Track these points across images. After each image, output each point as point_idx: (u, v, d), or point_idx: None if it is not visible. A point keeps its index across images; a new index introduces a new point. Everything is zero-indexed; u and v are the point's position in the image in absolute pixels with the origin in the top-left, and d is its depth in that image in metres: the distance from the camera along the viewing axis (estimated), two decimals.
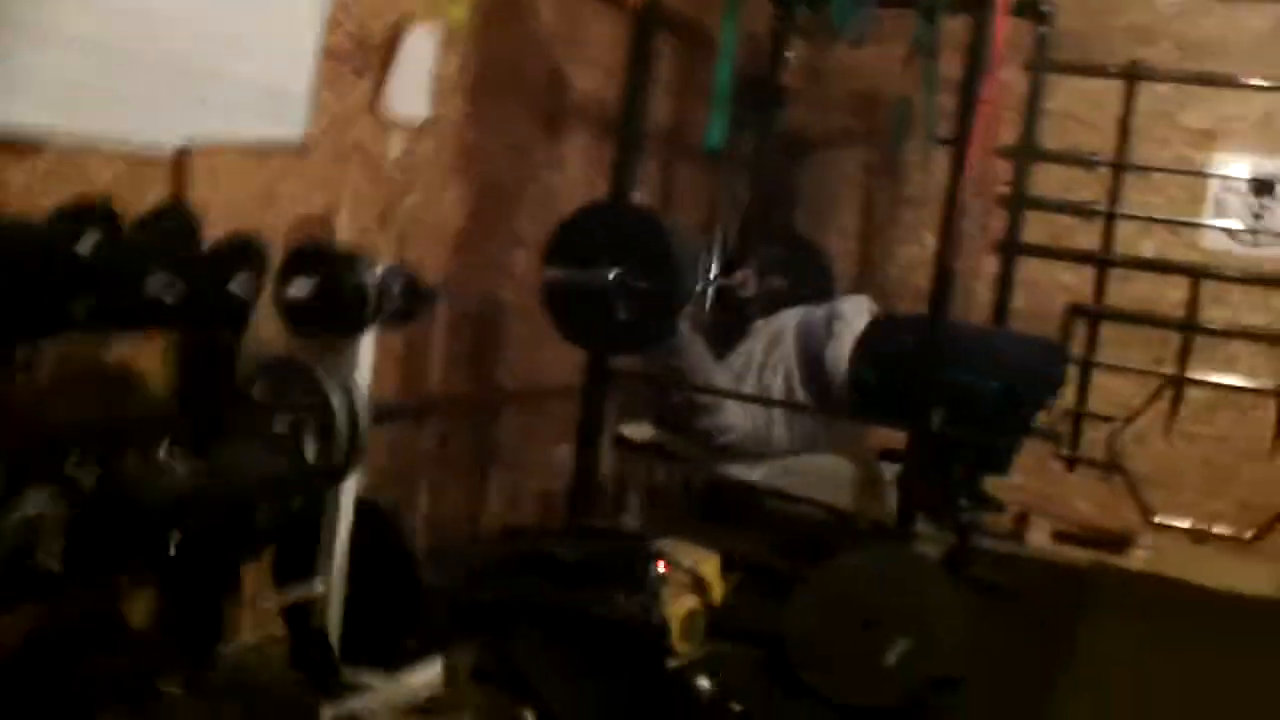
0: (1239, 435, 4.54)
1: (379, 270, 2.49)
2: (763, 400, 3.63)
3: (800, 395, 3.63)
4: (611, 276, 3.10)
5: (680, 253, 3.09)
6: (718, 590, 3.10)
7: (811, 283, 4.32)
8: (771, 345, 3.69)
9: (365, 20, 2.87)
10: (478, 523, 3.69)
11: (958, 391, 3.32)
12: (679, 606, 2.97)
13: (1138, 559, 4.47)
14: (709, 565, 3.09)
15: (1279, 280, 4.47)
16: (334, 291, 2.44)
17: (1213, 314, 4.55)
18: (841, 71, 4.86)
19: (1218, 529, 4.55)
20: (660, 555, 3.01)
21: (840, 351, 3.57)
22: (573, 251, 3.18)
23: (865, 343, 3.57)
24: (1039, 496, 4.72)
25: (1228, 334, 4.52)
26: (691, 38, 4.16)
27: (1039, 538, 4.63)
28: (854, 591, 2.95)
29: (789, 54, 4.47)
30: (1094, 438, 4.68)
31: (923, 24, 3.48)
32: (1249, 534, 4.50)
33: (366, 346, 2.48)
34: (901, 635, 2.84)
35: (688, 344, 3.46)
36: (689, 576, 3.03)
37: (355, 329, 2.46)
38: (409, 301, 2.60)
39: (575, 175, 3.80)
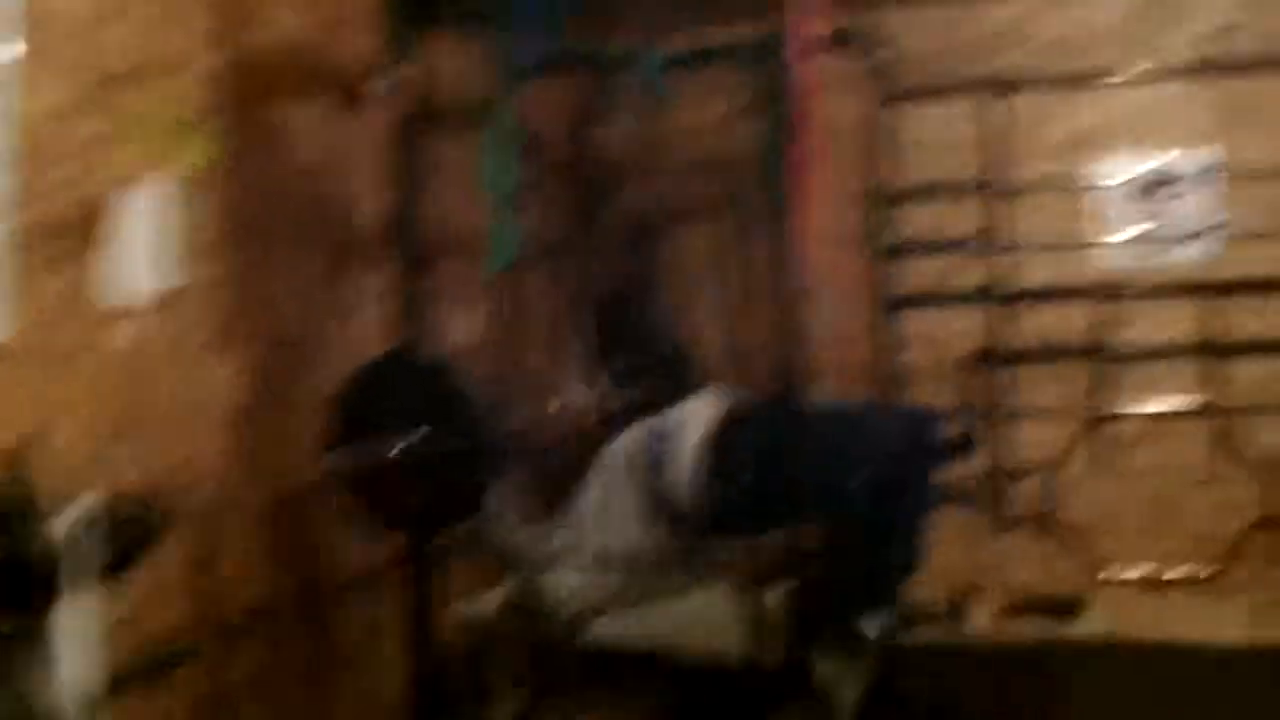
0: (1177, 463, 4.07)
1: (77, 514, 1.96)
2: (590, 567, 3.09)
3: (649, 536, 3.08)
4: (399, 449, 2.58)
5: (479, 405, 2.57)
6: None
7: (676, 385, 3.81)
8: (611, 481, 3.14)
9: (65, 192, 2.35)
10: None
11: (823, 494, 2.84)
12: None
13: (1091, 624, 3.96)
14: None
15: (1189, 287, 4.02)
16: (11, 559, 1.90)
17: (1126, 336, 4.09)
18: (679, 136, 4.38)
19: (1173, 572, 4.06)
20: None
21: (679, 473, 3.04)
22: (355, 424, 2.65)
23: (713, 451, 3.04)
24: (973, 569, 4.21)
25: (1145, 356, 4.06)
26: None
27: (979, 616, 4.12)
28: None
29: (612, 127, 4.00)
30: (1022, 493, 4.20)
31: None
32: (1207, 571, 4.02)
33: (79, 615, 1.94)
34: None
35: (502, 512, 2.92)
36: None
37: (42, 605, 1.92)
38: (129, 540, 2.07)
39: (375, 316, 3.26)
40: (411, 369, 2.69)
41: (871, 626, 3.05)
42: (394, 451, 2.53)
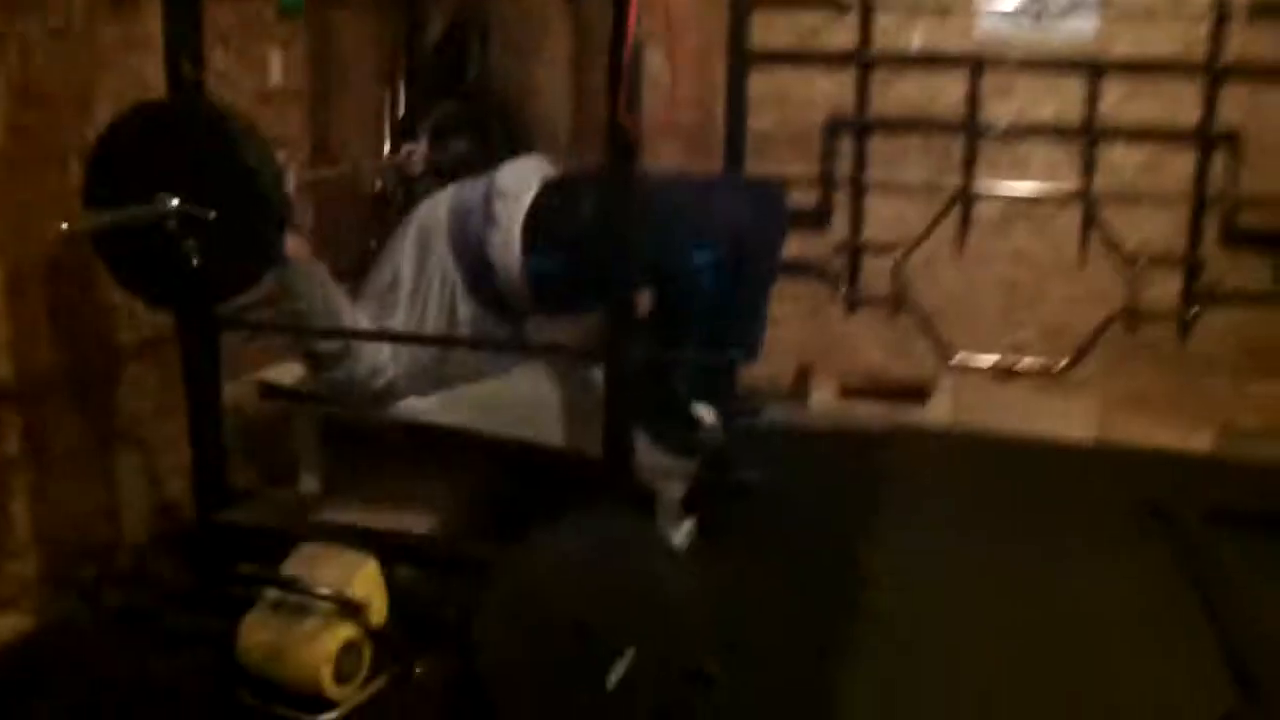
0: (1039, 250, 3.88)
1: None
2: (404, 338, 2.78)
3: (464, 308, 2.78)
4: (168, 209, 2.21)
5: (261, 165, 2.20)
6: (379, 605, 2.32)
7: (505, 142, 3.45)
8: (422, 247, 2.80)
9: None
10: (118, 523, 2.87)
11: (661, 270, 2.57)
12: (323, 644, 2.22)
13: (938, 411, 3.83)
14: (363, 577, 2.31)
15: (1067, 63, 3.73)
16: None
17: (997, 110, 3.82)
18: None
19: (1025, 363, 3.93)
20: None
21: (505, 239, 2.71)
22: (121, 178, 2.26)
23: (536, 221, 2.71)
24: (820, 348, 4.03)
25: (1016, 133, 3.80)
26: None
27: (824, 397, 3.96)
28: (554, 590, 2.20)
29: None
30: (876, 272, 3.99)
31: None
32: (1061, 363, 3.89)
33: None
34: (625, 645, 2.13)
35: (299, 275, 2.57)
36: (334, 604, 2.25)
37: None
38: None
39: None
40: (181, 117, 2.28)
41: (704, 413, 2.84)
42: (163, 210, 2.16)
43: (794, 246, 3.83)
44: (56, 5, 2.57)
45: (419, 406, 2.82)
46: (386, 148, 3.42)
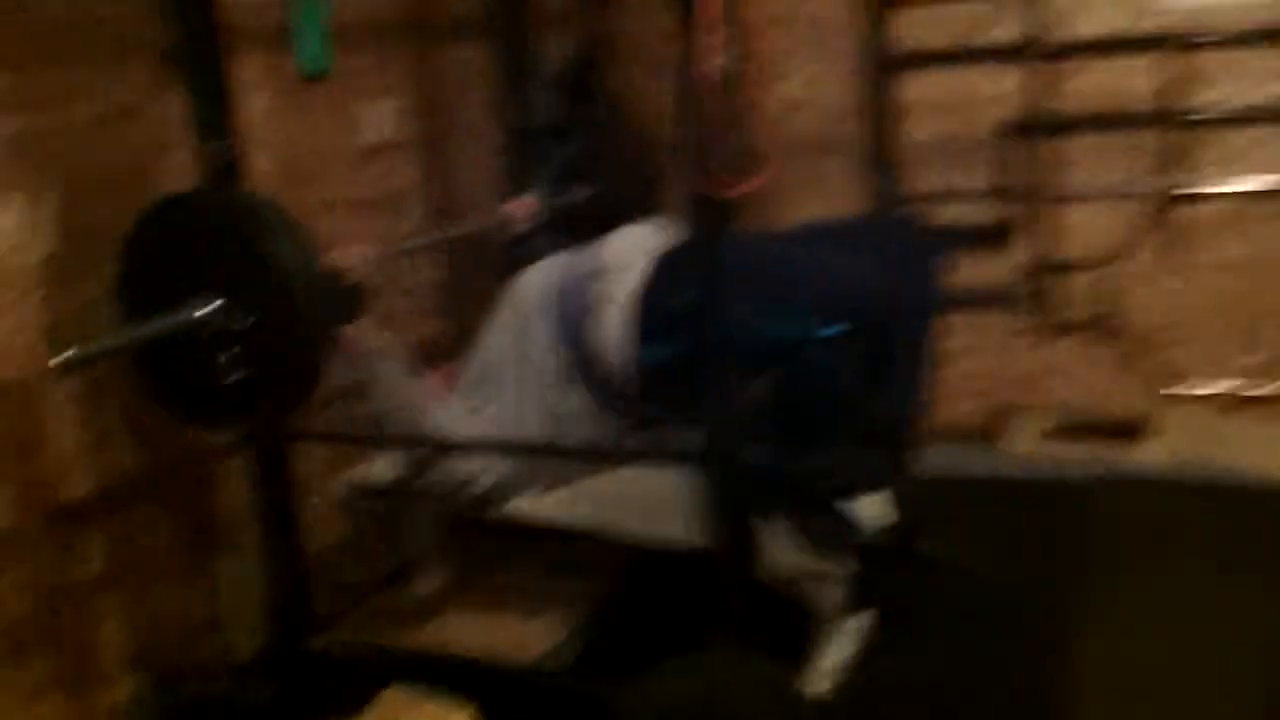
0: (1264, 257, 3.28)
1: None
2: (499, 447, 2.45)
3: (567, 398, 2.44)
4: (201, 314, 1.95)
5: (297, 263, 1.92)
6: None
7: (635, 186, 3.10)
8: (520, 328, 2.47)
9: None
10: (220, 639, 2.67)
11: (775, 352, 2.17)
12: None
13: (1154, 451, 3.28)
14: None
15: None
16: None
17: (1203, 96, 3.25)
18: None
19: (1255, 390, 3.34)
20: None
21: (610, 322, 2.36)
22: (147, 284, 2.03)
23: (645, 302, 2.35)
24: (1012, 385, 3.53)
25: (1225, 122, 3.22)
26: None
27: (1022, 440, 3.46)
28: None
29: None
30: (1071, 294, 3.46)
31: None
32: None
33: None
34: None
35: (374, 371, 2.29)
36: None
37: None
38: None
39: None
40: (207, 213, 2.02)
41: (860, 507, 2.41)
42: (193, 315, 1.90)
43: (970, 271, 3.37)
44: (111, 85, 2.37)
45: (534, 506, 2.50)
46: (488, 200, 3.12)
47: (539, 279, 2.53)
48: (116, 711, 2.47)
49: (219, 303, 1.92)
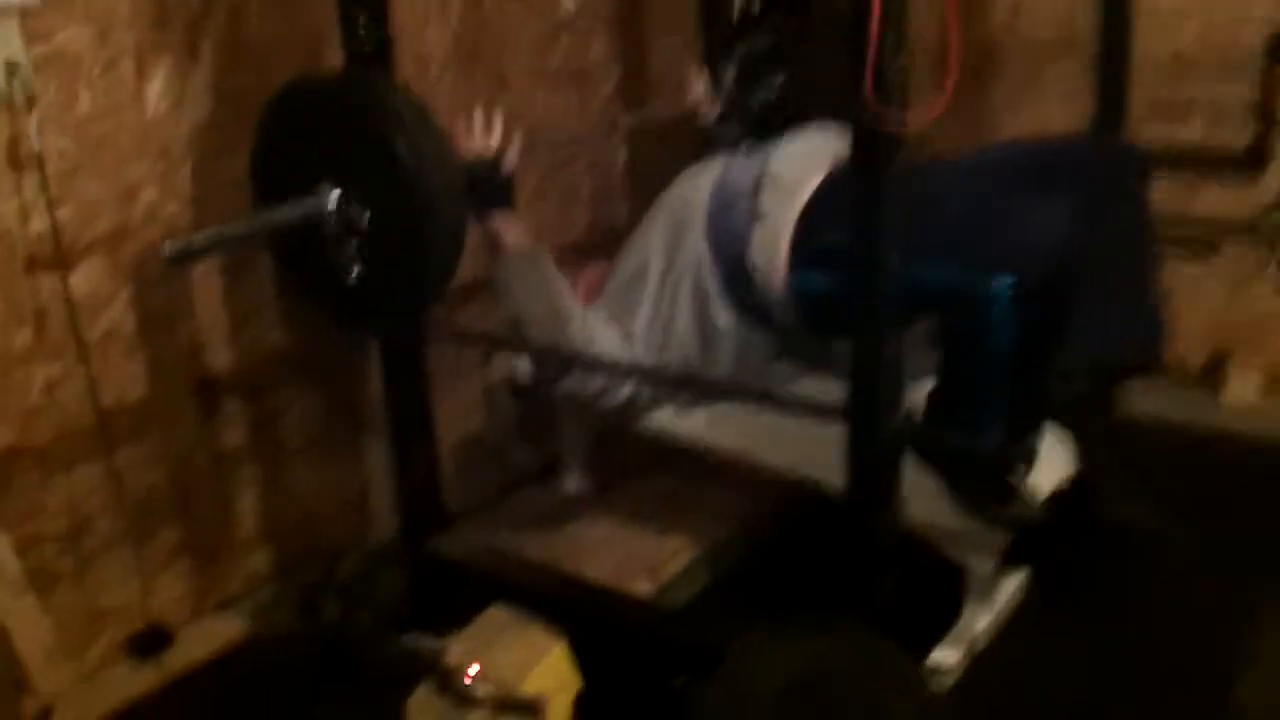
0: None
1: None
2: (632, 370, 2.27)
3: (721, 315, 2.24)
4: (316, 207, 1.83)
5: (422, 159, 1.77)
6: (563, 699, 1.90)
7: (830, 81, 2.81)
8: (675, 236, 2.26)
9: None
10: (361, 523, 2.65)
11: (935, 303, 1.92)
12: None
13: None
14: (545, 668, 1.89)
15: None
16: None
17: None
18: None
19: None
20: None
21: (771, 242, 2.13)
22: (280, 170, 1.93)
23: (808, 223, 2.11)
24: (1243, 329, 3.14)
25: None
26: None
27: (1244, 391, 3.09)
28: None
29: None
30: None
31: None
32: None
33: None
34: None
35: (514, 271, 2.13)
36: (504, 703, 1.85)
37: None
38: None
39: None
40: (339, 99, 1.88)
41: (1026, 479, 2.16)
42: (320, 206, 1.79)
43: (1212, 198, 2.99)
44: None
45: (678, 423, 2.34)
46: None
47: (699, 185, 2.31)
48: (252, 581, 2.48)
49: (336, 195, 1.79)
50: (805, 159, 2.21)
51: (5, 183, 1.93)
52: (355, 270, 1.83)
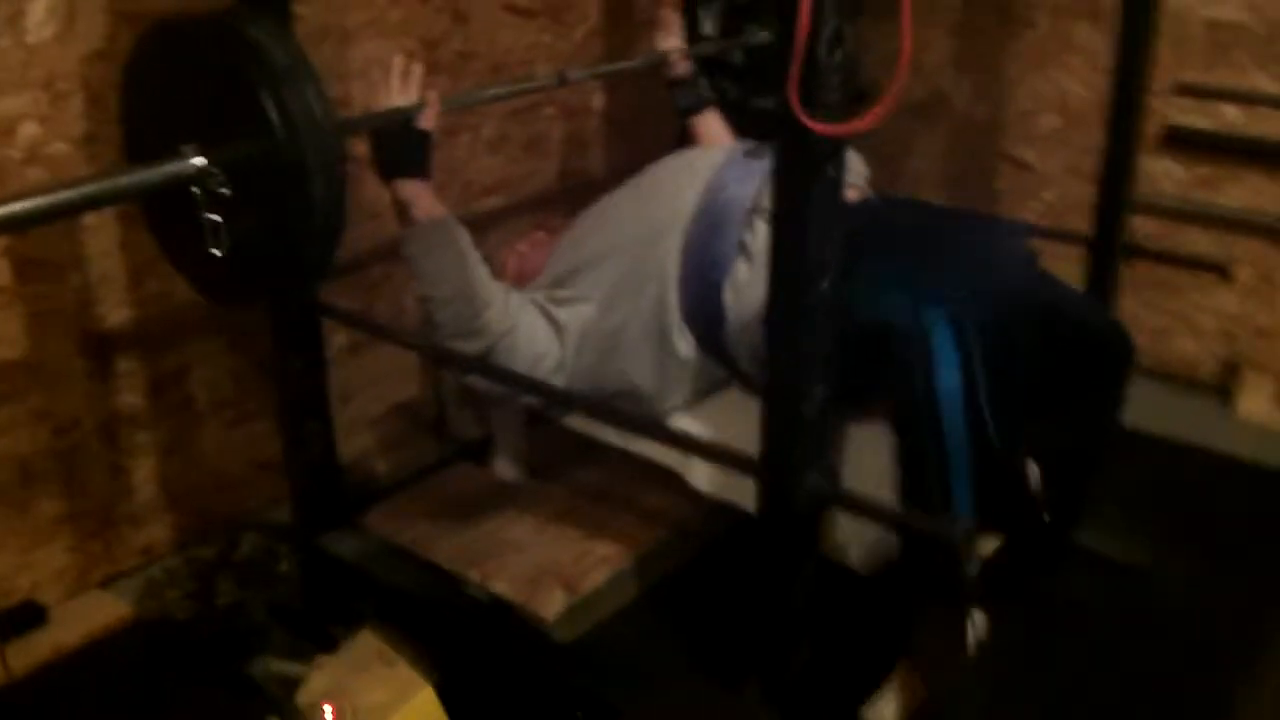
0: None
1: None
2: (535, 388, 1.99)
3: (680, 342, 1.99)
4: (169, 173, 1.59)
5: (299, 119, 1.51)
6: None
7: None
8: (648, 239, 2.00)
9: None
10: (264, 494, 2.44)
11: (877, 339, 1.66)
12: None
13: None
14: (409, 712, 1.68)
15: None
16: None
17: None
18: None
19: None
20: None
21: (750, 290, 1.88)
22: (142, 120, 1.69)
23: None
24: (1263, 336, 2.87)
25: None
26: None
27: (1257, 406, 2.82)
28: None
29: None
30: None
31: None
32: None
33: None
34: None
35: (420, 242, 1.88)
36: None
37: None
38: None
39: None
40: (206, 46, 1.62)
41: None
42: (186, 167, 1.54)
43: (1245, 190, 2.70)
44: None
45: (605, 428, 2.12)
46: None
47: (688, 186, 2.05)
48: (145, 556, 2.29)
49: (199, 160, 1.55)
50: None
51: None
52: (222, 244, 1.58)
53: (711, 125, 2.45)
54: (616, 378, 2.00)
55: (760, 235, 1.92)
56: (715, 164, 2.08)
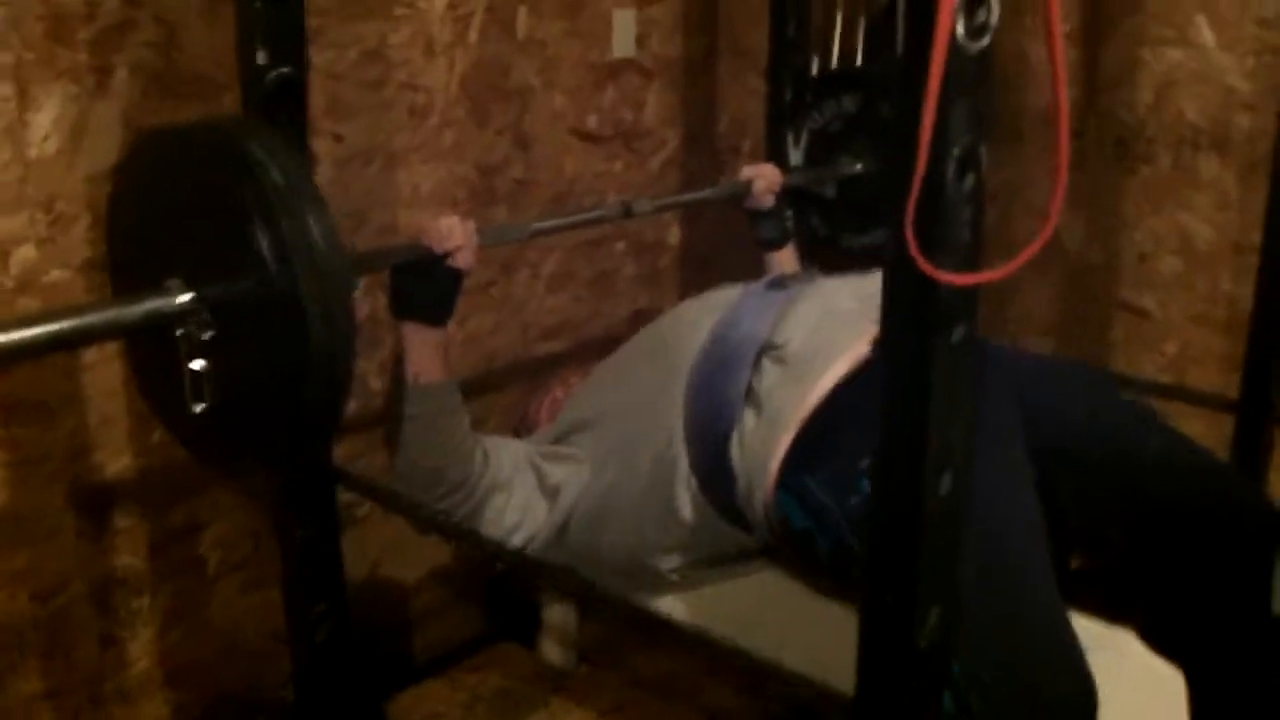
0: None
1: None
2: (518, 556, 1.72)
3: (687, 507, 1.68)
4: (174, 305, 1.33)
5: (300, 256, 1.25)
6: None
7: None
8: (664, 379, 1.72)
9: None
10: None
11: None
12: None
13: None
14: None
15: None
16: None
17: None
18: None
19: None
20: None
21: (754, 450, 1.60)
22: (126, 247, 1.45)
23: (815, 430, 1.55)
24: None
25: None
26: None
27: None
28: None
29: None
30: None
31: None
32: None
33: None
34: None
35: (416, 401, 1.63)
36: None
37: None
38: None
39: None
40: (199, 154, 1.37)
41: None
42: (171, 306, 1.29)
43: None
44: None
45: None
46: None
47: (700, 324, 1.77)
48: None
49: (181, 299, 1.29)
50: (838, 330, 1.65)
51: None
52: (205, 397, 1.32)
53: (787, 262, 2.19)
54: (609, 549, 1.71)
55: (769, 379, 1.64)
56: (730, 299, 1.80)
